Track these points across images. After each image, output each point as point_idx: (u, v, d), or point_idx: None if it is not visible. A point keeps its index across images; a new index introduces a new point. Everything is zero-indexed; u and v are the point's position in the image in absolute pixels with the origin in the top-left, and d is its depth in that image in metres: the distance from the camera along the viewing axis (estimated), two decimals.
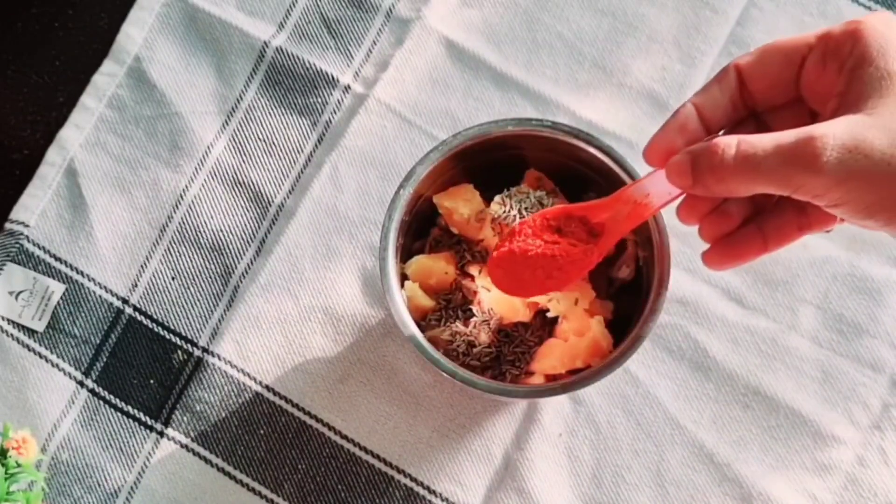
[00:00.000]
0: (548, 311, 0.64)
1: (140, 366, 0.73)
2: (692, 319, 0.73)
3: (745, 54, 0.48)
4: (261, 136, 0.78)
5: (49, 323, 0.74)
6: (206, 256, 0.76)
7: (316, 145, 0.77)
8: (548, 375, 0.64)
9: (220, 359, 0.73)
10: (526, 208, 0.64)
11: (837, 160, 0.42)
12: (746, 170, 0.44)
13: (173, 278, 0.75)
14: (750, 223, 0.50)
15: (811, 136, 0.42)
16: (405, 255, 0.67)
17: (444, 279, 0.66)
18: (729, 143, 0.44)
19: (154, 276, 0.75)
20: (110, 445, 0.72)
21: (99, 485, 0.71)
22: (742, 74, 0.48)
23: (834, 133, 0.42)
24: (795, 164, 0.43)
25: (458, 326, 0.63)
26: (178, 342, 0.74)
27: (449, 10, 0.79)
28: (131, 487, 0.71)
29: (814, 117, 0.48)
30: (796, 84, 0.48)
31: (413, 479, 0.71)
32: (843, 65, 0.45)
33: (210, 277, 0.75)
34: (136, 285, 0.75)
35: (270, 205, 0.76)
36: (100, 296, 0.75)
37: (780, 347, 0.72)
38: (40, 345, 0.74)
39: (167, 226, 0.76)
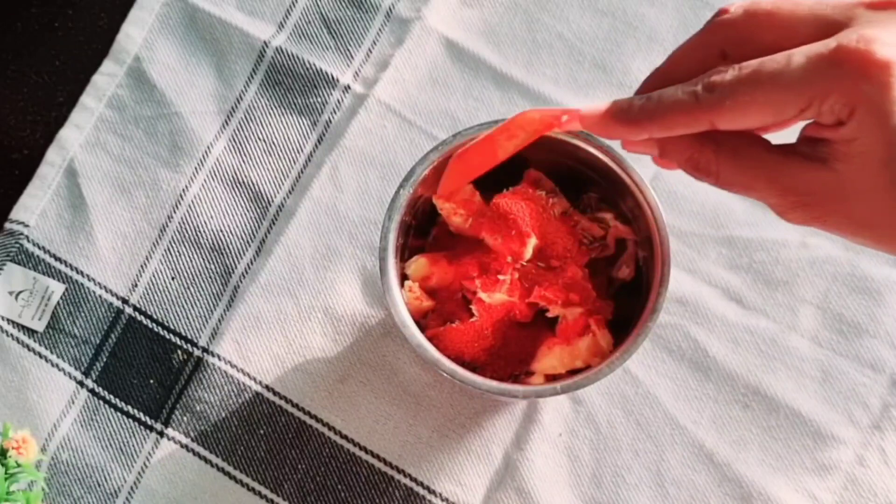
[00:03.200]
0: (547, 311, 0.64)
1: (140, 366, 0.73)
2: (692, 319, 0.73)
3: (730, 23, 0.45)
4: (261, 136, 0.78)
5: (49, 323, 0.74)
6: (206, 256, 0.75)
7: (316, 145, 0.77)
8: (547, 375, 0.63)
9: (220, 359, 0.73)
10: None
11: None
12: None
13: (173, 278, 0.75)
14: None
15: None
16: (405, 255, 0.67)
17: (444, 279, 0.65)
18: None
19: (154, 276, 0.75)
20: (110, 445, 0.72)
21: (99, 485, 0.71)
22: (725, 53, 0.45)
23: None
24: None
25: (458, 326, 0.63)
26: (178, 342, 0.74)
27: (449, 10, 0.79)
28: (131, 487, 0.71)
29: None
30: None
31: (413, 479, 0.71)
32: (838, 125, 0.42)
33: (210, 277, 0.75)
34: (136, 285, 0.75)
35: (270, 205, 0.76)
36: (100, 296, 0.75)
37: (780, 347, 0.72)
38: (40, 345, 0.74)
39: (167, 226, 0.76)
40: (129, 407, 0.73)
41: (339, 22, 0.80)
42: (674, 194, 0.75)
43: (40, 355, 0.74)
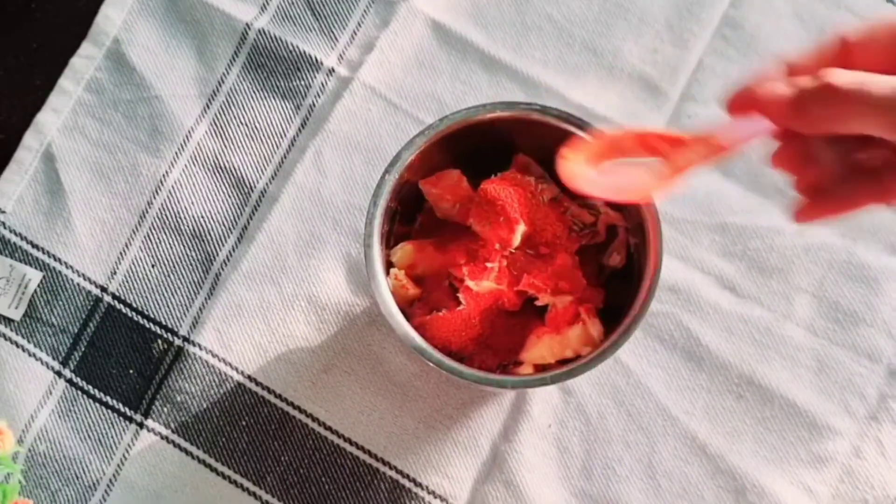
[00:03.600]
0: (536, 299, 0.63)
1: (119, 355, 0.73)
2: (684, 308, 0.72)
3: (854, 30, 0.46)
4: (243, 121, 0.77)
5: (26, 311, 0.73)
6: (187, 243, 0.75)
7: (299, 130, 0.77)
8: (537, 365, 0.63)
9: (201, 348, 0.72)
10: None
11: None
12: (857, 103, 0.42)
13: (153, 266, 0.74)
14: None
15: None
16: (391, 241, 0.66)
17: (431, 266, 0.65)
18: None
19: (133, 264, 0.74)
20: (89, 437, 0.72)
21: (77, 477, 0.71)
22: (848, 48, 0.46)
23: None
24: None
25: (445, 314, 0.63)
26: (159, 331, 0.73)
27: None
28: (110, 480, 0.71)
29: None
30: None
31: (399, 472, 0.70)
32: None
33: (191, 265, 0.74)
34: (115, 273, 0.74)
35: (253, 190, 0.76)
36: (78, 283, 0.74)
37: (775, 336, 0.71)
38: (17, 334, 0.73)
39: (147, 212, 0.75)
40: (108, 397, 0.72)
41: (323, 3, 0.79)
42: None
43: (17, 344, 0.73)
